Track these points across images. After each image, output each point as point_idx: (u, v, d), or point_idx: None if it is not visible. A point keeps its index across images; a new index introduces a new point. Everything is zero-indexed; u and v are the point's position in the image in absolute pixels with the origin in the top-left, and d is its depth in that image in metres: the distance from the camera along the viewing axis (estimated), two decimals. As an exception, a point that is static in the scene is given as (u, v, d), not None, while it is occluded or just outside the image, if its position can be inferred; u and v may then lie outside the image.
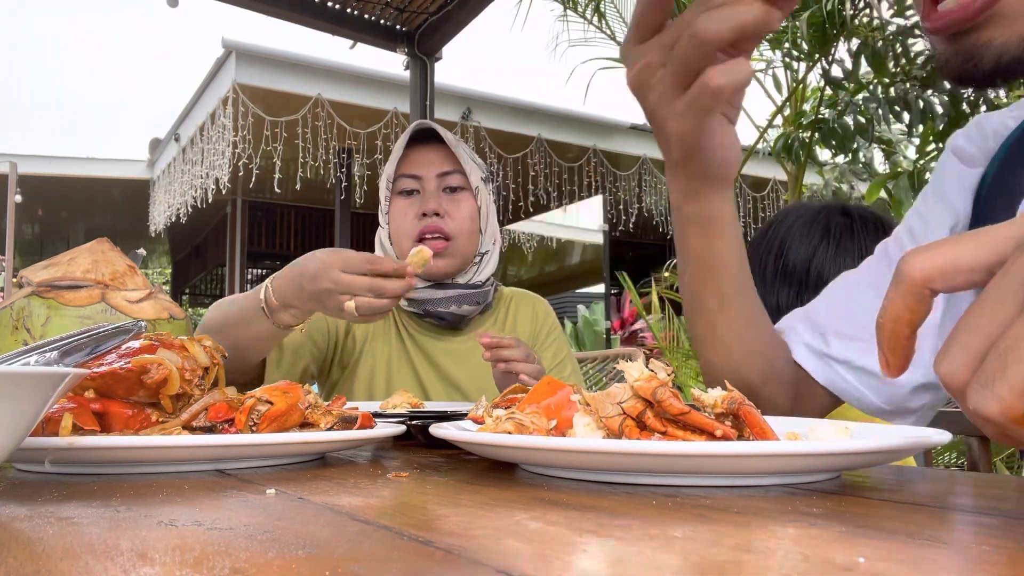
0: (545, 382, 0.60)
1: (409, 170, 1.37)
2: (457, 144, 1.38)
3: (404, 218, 1.36)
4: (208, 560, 0.28)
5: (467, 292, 1.38)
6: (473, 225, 1.38)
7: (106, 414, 0.58)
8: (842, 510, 0.39)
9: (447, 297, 1.36)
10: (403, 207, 1.37)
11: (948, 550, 0.30)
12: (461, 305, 1.37)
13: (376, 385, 1.38)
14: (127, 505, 0.41)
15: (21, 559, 0.29)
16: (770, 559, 0.28)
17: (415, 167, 1.37)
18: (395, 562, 0.28)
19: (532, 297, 1.53)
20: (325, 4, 2.92)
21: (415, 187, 1.37)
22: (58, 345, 0.53)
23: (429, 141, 1.39)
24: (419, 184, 1.37)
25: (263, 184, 6.87)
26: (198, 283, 13.26)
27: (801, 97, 5.28)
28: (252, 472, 0.56)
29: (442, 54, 3.25)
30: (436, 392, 1.39)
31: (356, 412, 0.67)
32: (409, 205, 1.36)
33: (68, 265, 0.85)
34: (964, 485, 0.51)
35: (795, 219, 1.16)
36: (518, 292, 1.54)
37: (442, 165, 1.37)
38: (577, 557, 0.29)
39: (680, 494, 0.44)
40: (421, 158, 1.38)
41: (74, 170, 9.01)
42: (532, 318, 1.49)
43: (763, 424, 0.50)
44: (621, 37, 5.30)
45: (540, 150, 7.38)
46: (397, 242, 1.39)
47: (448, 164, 1.37)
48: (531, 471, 0.55)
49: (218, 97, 6.30)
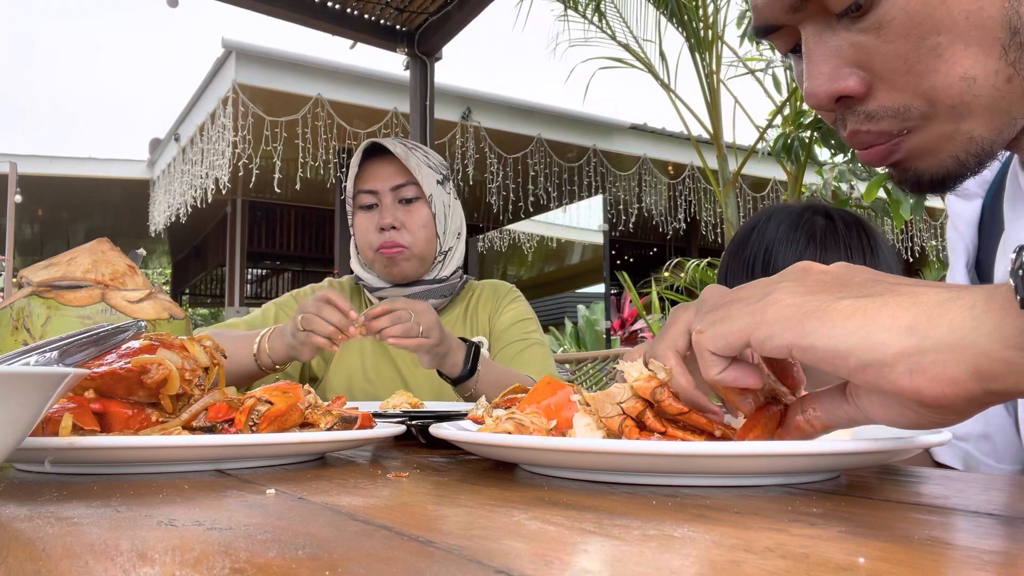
0: (545, 382, 0.60)
1: (366, 185, 1.49)
2: (408, 155, 1.48)
3: (366, 232, 1.49)
4: (208, 560, 0.28)
5: (433, 287, 1.51)
6: (428, 232, 1.49)
7: (106, 414, 0.58)
8: (842, 510, 0.39)
9: (414, 294, 1.48)
10: (363, 221, 1.49)
11: (948, 550, 0.30)
12: (428, 299, 1.48)
13: (355, 383, 1.47)
14: (127, 505, 0.41)
15: (21, 559, 0.29)
16: (770, 559, 0.28)
17: (371, 182, 1.48)
18: (395, 562, 0.28)
19: (498, 283, 1.63)
20: (325, 4, 2.92)
21: (373, 201, 1.48)
22: (58, 345, 0.53)
23: (384, 154, 1.50)
24: (376, 198, 1.48)
25: (263, 184, 6.88)
26: (198, 283, 13.26)
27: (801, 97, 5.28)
28: (252, 472, 0.56)
29: (442, 54, 3.24)
30: (416, 378, 1.48)
31: (356, 412, 0.67)
32: (368, 219, 1.49)
33: (68, 265, 0.85)
34: (964, 485, 0.51)
35: (777, 224, 1.15)
36: (488, 282, 1.63)
37: (395, 178, 1.47)
38: (577, 557, 0.29)
39: (680, 494, 0.44)
40: (377, 172, 1.48)
41: (74, 170, 9.01)
42: (493, 295, 1.59)
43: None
44: (621, 37, 5.30)
45: (540, 150, 7.38)
46: (363, 252, 1.51)
47: (401, 177, 1.48)
48: (531, 471, 0.55)
49: (218, 97, 6.30)
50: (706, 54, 5.13)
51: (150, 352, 0.60)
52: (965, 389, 0.38)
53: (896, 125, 0.54)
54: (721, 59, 5.23)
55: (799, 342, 0.42)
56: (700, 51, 5.12)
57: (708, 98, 5.25)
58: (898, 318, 0.39)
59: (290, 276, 12.05)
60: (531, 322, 1.55)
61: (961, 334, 0.37)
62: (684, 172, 8.25)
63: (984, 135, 0.53)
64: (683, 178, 8.26)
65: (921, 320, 0.39)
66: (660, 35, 5.25)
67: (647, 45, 5.29)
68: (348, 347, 1.49)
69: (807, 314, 0.42)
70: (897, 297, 0.41)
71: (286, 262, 11.38)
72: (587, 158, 7.75)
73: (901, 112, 0.53)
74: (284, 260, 11.21)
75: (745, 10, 5.00)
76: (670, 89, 5.33)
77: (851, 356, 0.40)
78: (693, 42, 5.11)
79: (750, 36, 5.03)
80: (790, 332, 0.43)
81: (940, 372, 0.38)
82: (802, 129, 4.75)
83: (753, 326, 0.44)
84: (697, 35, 5.10)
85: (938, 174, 0.56)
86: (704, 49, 5.11)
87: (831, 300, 0.42)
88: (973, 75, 0.50)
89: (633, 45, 5.30)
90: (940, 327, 0.38)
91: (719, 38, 5.18)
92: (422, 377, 1.48)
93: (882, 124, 0.54)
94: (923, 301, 0.39)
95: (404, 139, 1.52)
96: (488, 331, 1.54)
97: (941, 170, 0.55)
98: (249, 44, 6.22)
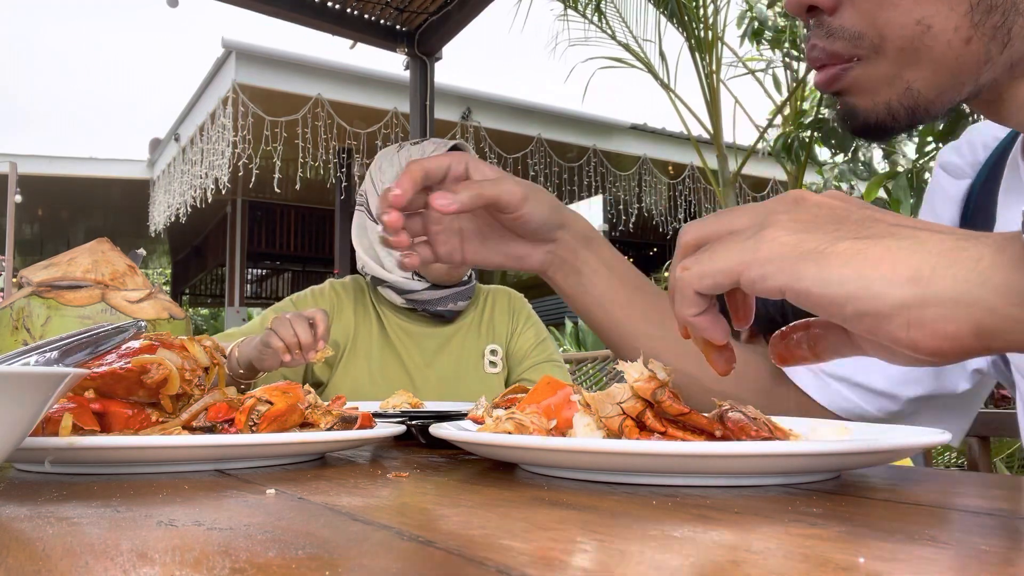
0: (545, 382, 0.60)
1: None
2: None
3: None
4: (208, 560, 0.28)
5: (460, 289, 1.54)
6: None
7: (106, 414, 0.58)
8: (842, 510, 0.39)
9: (445, 296, 1.52)
10: None
11: (948, 550, 0.30)
12: (457, 302, 1.53)
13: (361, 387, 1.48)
14: (127, 505, 0.41)
15: (21, 559, 0.29)
16: (770, 559, 0.28)
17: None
18: (395, 562, 0.28)
19: (505, 290, 1.70)
20: (325, 4, 2.92)
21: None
22: (58, 345, 0.53)
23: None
24: None
25: (263, 184, 6.88)
26: (198, 283, 13.26)
27: (801, 96, 5.28)
28: (252, 472, 0.56)
29: (442, 54, 3.24)
30: (425, 379, 1.50)
31: (356, 412, 0.67)
32: None
33: (68, 265, 0.85)
34: (964, 485, 0.51)
35: None
36: (492, 287, 1.70)
37: None
38: (577, 557, 0.29)
39: (680, 494, 0.44)
40: None
41: (74, 170, 9.02)
42: (508, 308, 1.65)
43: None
44: (621, 36, 5.31)
45: (540, 150, 7.38)
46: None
47: None
48: (531, 471, 0.55)
49: (218, 97, 6.30)
50: (706, 55, 5.14)
51: (150, 352, 0.60)
52: (963, 344, 0.37)
53: (848, 49, 0.54)
54: (721, 59, 5.23)
55: (793, 285, 0.40)
56: (700, 51, 5.12)
57: (708, 98, 5.26)
58: (899, 267, 0.38)
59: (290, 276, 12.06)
60: (548, 341, 1.64)
61: (965, 288, 0.36)
62: (684, 172, 8.25)
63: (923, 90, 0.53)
64: (683, 178, 8.26)
65: (924, 270, 0.37)
66: (660, 35, 5.26)
67: (647, 45, 5.30)
68: (354, 352, 1.51)
69: (803, 255, 0.40)
70: (899, 241, 0.39)
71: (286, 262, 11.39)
72: (587, 158, 7.75)
73: (855, 37, 0.53)
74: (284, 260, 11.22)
75: (745, 10, 5.00)
76: (670, 89, 5.33)
77: (848, 304, 0.39)
78: (693, 42, 5.11)
79: (750, 36, 5.03)
80: (784, 274, 0.41)
81: (940, 327, 0.37)
82: (802, 129, 4.75)
83: (744, 265, 0.42)
84: (697, 35, 5.10)
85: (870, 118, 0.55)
86: (704, 49, 5.12)
87: (829, 241, 0.40)
88: (930, 23, 0.50)
89: (633, 45, 5.31)
90: (944, 279, 0.37)
91: (719, 38, 5.19)
92: (431, 378, 1.50)
93: (836, 45, 0.54)
94: (927, 248, 0.38)
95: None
96: (505, 343, 1.60)
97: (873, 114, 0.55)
98: (249, 44, 6.22)
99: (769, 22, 5.04)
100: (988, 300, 0.36)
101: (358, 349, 1.51)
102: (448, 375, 1.52)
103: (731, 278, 0.43)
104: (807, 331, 0.49)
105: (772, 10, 5.00)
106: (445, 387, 1.49)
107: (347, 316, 1.52)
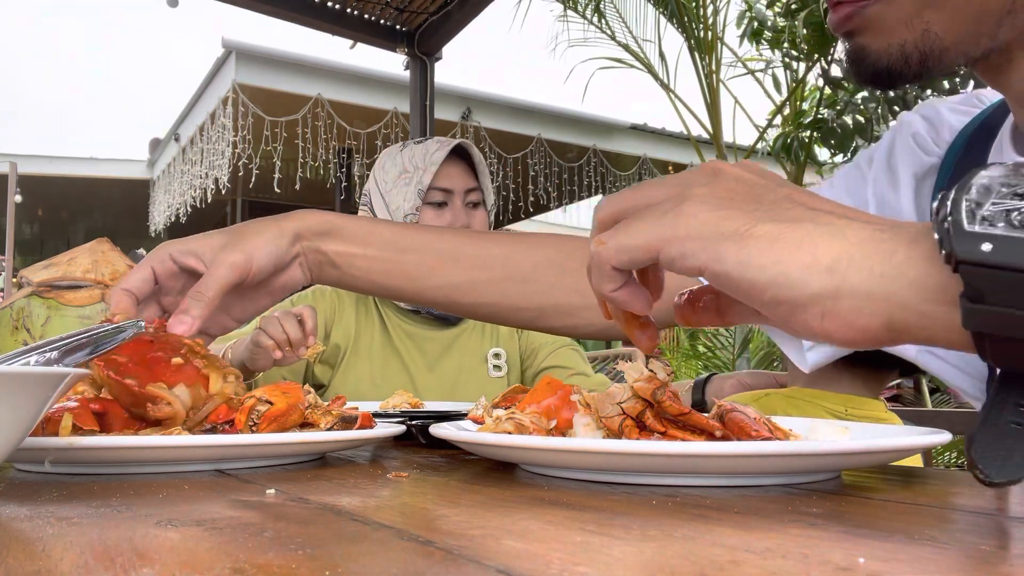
0: (545, 382, 0.60)
1: (442, 184, 1.51)
2: (480, 162, 1.55)
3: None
4: (208, 560, 0.28)
5: None
6: None
7: (106, 414, 0.58)
8: (842, 510, 0.39)
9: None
10: (432, 218, 1.52)
11: (948, 550, 0.30)
12: None
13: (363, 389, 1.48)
14: (127, 505, 0.41)
15: (21, 559, 0.29)
16: (770, 559, 0.28)
17: (448, 181, 1.51)
18: (395, 562, 0.28)
19: None
20: (325, 4, 2.92)
21: (443, 199, 1.51)
22: (58, 345, 0.53)
23: (458, 157, 1.54)
24: (448, 197, 1.51)
25: (263, 184, 6.87)
26: (198, 283, 13.24)
27: (800, 97, 5.28)
28: (252, 472, 0.56)
29: (442, 54, 3.25)
30: (427, 381, 1.50)
31: (356, 412, 0.67)
32: (437, 216, 1.51)
33: (68, 265, 0.85)
34: (964, 485, 0.51)
35: None
36: None
37: (468, 182, 1.53)
38: (577, 557, 0.29)
39: (680, 494, 0.44)
40: (452, 173, 1.52)
41: (74, 170, 9.01)
42: None
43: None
44: (621, 37, 5.30)
45: (540, 150, 7.37)
46: None
47: (473, 181, 1.55)
48: (531, 471, 0.55)
49: (218, 97, 6.30)
50: (706, 55, 5.14)
51: (182, 369, 0.58)
52: (875, 336, 0.37)
53: None
54: (721, 59, 5.23)
55: (713, 267, 0.40)
56: (700, 51, 5.12)
57: (708, 98, 5.26)
58: (819, 255, 0.37)
59: (290, 276, 12.02)
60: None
61: (880, 282, 0.36)
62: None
63: (940, 33, 0.51)
64: (683, 178, 8.24)
65: (842, 260, 0.37)
66: (660, 35, 5.26)
67: (647, 45, 5.29)
68: (356, 354, 1.50)
69: (723, 236, 0.39)
70: (819, 227, 0.38)
71: (286, 262, 11.36)
72: (587, 158, 7.75)
73: None
74: (284, 260, 11.19)
75: (745, 10, 5.00)
76: (670, 89, 5.33)
77: (766, 291, 0.38)
78: (693, 42, 5.11)
79: (750, 36, 5.03)
80: (704, 253, 0.40)
81: (852, 319, 0.37)
82: (802, 129, 4.75)
83: (664, 241, 0.41)
84: (697, 36, 5.10)
85: (881, 61, 0.54)
86: (704, 50, 5.12)
87: (749, 223, 0.39)
88: None
89: (633, 45, 5.31)
90: (860, 272, 0.37)
91: (719, 39, 5.18)
92: (434, 382, 1.49)
93: None
94: (846, 236, 0.38)
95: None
96: (516, 342, 1.60)
97: (885, 57, 0.54)
98: (249, 44, 6.22)
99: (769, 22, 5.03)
100: (901, 295, 0.36)
101: (360, 351, 1.50)
102: (451, 378, 1.52)
103: (650, 254, 0.42)
104: (715, 295, 0.48)
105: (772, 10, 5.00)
106: (447, 390, 1.48)
107: (348, 317, 1.51)
